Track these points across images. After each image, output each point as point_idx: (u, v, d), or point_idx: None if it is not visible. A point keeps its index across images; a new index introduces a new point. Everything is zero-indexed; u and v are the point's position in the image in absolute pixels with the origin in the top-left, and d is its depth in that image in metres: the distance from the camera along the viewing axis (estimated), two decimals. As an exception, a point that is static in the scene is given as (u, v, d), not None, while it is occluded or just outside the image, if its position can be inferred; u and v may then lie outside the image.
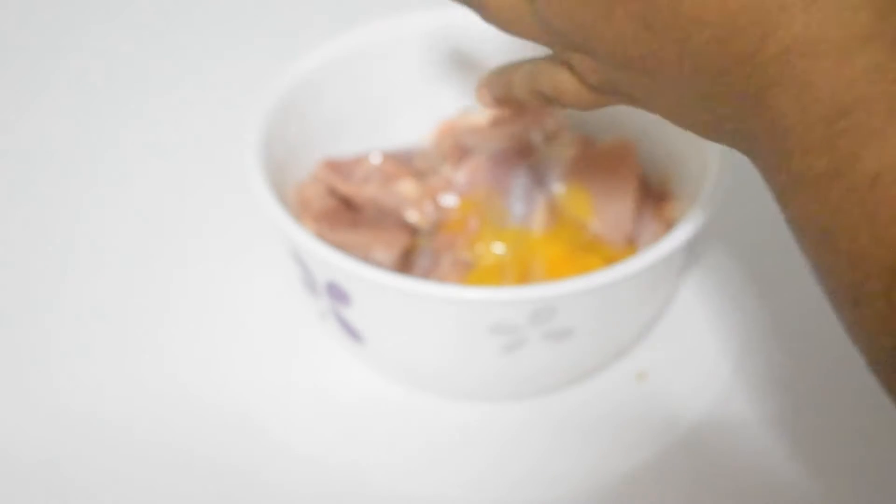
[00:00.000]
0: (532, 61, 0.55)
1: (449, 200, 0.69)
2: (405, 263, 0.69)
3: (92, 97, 0.88)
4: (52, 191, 0.81)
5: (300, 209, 0.71)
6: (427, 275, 0.68)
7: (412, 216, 0.70)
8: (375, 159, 0.71)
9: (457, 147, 0.71)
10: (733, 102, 0.45)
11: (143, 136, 0.85)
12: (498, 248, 0.68)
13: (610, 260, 0.69)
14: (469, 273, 0.68)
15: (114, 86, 0.89)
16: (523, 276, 0.68)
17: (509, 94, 0.58)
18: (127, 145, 0.84)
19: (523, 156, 0.71)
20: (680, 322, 0.73)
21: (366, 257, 0.69)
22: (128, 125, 0.86)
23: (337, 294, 0.64)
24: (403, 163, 0.72)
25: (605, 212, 0.69)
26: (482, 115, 0.76)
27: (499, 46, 0.76)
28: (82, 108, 0.87)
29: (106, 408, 0.69)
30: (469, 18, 0.76)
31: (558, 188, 0.70)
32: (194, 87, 0.89)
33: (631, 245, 0.69)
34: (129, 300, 0.74)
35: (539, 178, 0.70)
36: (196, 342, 0.72)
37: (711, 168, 0.66)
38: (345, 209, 0.71)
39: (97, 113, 0.86)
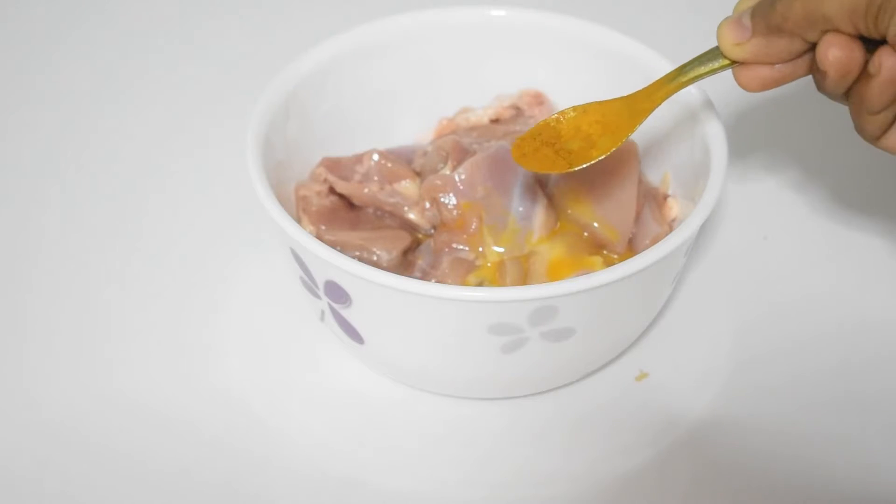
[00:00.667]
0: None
1: (449, 200, 0.69)
2: (405, 263, 0.69)
3: (92, 97, 0.88)
4: (51, 190, 0.81)
5: (300, 209, 0.71)
6: (427, 275, 0.68)
7: (412, 216, 0.70)
8: (375, 158, 0.71)
9: (457, 147, 0.71)
10: None
11: (143, 137, 0.85)
12: (498, 248, 0.68)
13: (610, 260, 0.69)
14: (469, 273, 0.68)
15: (114, 86, 0.89)
16: (523, 276, 0.68)
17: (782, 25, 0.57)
18: (127, 145, 0.84)
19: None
20: (680, 322, 0.73)
21: (366, 257, 0.69)
22: (128, 125, 0.86)
23: (337, 294, 0.64)
24: (403, 163, 0.72)
25: (606, 212, 0.69)
26: (482, 114, 0.76)
27: (499, 45, 0.76)
28: (82, 107, 0.87)
29: (108, 404, 0.69)
30: (469, 18, 0.76)
31: (559, 188, 0.70)
32: (195, 86, 0.89)
33: (631, 245, 0.69)
34: (129, 299, 0.74)
35: (539, 178, 0.70)
36: (196, 342, 0.72)
37: (711, 168, 0.66)
38: (344, 209, 0.71)
39: (97, 113, 0.86)
